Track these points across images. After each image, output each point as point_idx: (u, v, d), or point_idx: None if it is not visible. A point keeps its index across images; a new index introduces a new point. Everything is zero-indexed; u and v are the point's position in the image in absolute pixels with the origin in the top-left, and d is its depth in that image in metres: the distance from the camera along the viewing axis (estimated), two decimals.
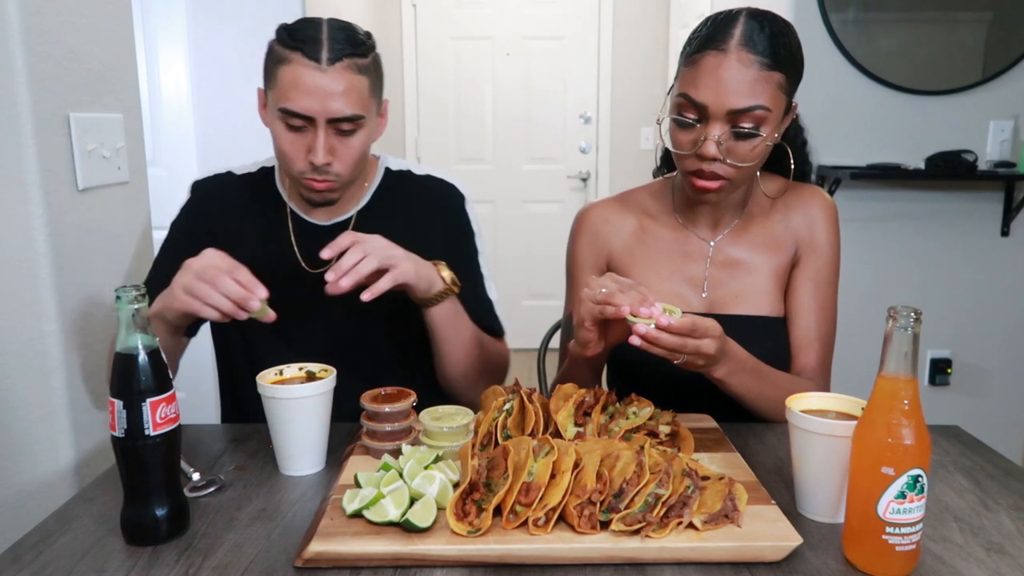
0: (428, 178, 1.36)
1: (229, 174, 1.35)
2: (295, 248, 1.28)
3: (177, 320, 1.09)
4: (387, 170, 1.35)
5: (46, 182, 1.14)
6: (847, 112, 2.55)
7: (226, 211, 1.31)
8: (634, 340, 0.97)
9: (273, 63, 1.17)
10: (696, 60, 1.10)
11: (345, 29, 1.17)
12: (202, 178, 1.35)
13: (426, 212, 1.33)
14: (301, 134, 1.16)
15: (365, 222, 1.30)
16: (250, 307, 1.02)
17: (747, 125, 1.09)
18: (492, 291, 1.36)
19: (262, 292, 1.03)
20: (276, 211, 1.31)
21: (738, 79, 1.07)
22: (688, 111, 1.12)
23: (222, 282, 1.01)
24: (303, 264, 1.28)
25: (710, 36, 1.10)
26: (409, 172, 1.36)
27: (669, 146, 1.17)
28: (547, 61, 4.28)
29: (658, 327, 0.96)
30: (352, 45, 1.15)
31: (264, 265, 1.20)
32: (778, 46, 1.09)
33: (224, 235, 1.24)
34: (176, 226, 1.32)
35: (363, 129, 1.19)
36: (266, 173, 1.34)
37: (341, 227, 1.29)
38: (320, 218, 1.30)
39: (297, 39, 1.14)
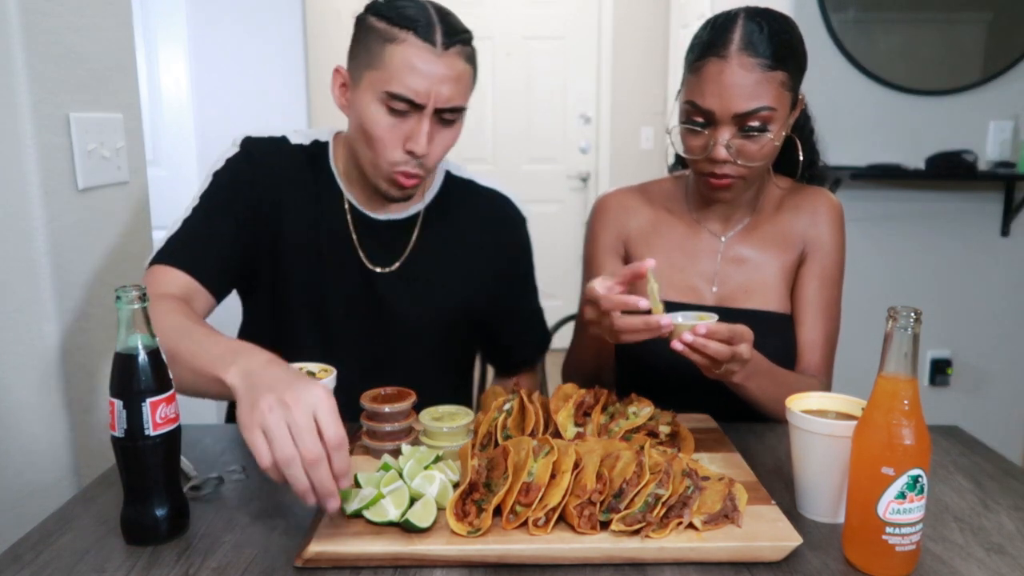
0: (492, 192, 1.33)
1: (284, 139, 1.24)
2: (355, 241, 1.22)
3: (221, 397, 0.90)
4: (448, 174, 1.31)
5: (46, 182, 1.14)
6: (847, 112, 2.55)
7: (278, 178, 1.20)
8: (676, 346, 0.97)
9: (377, 41, 1.08)
10: (699, 67, 1.12)
11: (449, 13, 1.12)
12: (255, 136, 1.23)
13: (487, 227, 1.30)
14: (401, 120, 1.09)
15: (426, 226, 1.26)
16: (328, 506, 0.78)
17: (754, 125, 1.11)
18: (540, 302, 1.42)
19: (346, 482, 0.79)
20: (331, 196, 1.23)
21: (741, 84, 1.09)
22: (696, 117, 1.14)
23: (316, 469, 0.76)
24: (365, 261, 1.23)
25: (711, 42, 1.11)
26: (473, 182, 1.32)
27: (681, 152, 1.19)
28: (547, 61, 4.28)
29: (696, 334, 0.96)
30: (461, 30, 1.10)
31: (322, 252, 1.19)
32: (778, 45, 1.10)
33: (274, 203, 1.19)
34: (221, 176, 1.19)
35: (460, 122, 1.14)
36: (320, 149, 1.25)
37: (399, 224, 1.24)
38: (377, 212, 1.24)
39: (406, 17, 1.07)
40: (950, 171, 2.51)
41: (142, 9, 2.57)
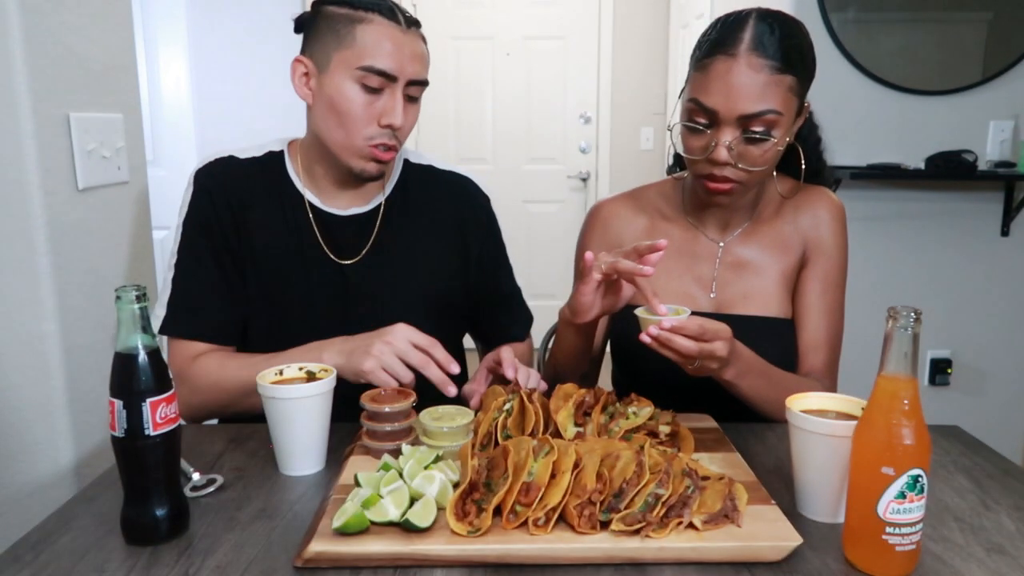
0: (452, 175, 1.36)
1: (231, 158, 1.27)
2: (320, 239, 1.25)
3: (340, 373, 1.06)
4: (407, 162, 1.34)
5: (46, 182, 1.15)
6: (847, 112, 2.55)
7: (237, 200, 1.24)
8: (643, 338, 0.97)
9: (345, 24, 1.14)
10: (706, 65, 1.09)
11: (399, 5, 1.20)
12: (203, 165, 1.26)
13: (452, 210, 1.33)
14: (375, 97, 1.15)
15: (389, 214, 1.28)
16: (448, 393, 1.06)
17: (758, 129, 1.08)
18: (516, 281, 1.43)
19: (454, 366, 1.07)
20: (291, 200, 1.26)
21: (748, 84, 1.07)
22: (699, 116, 1.11)
23: (427, 370, 1.06)
24: (332, 255, 1.25)
25: (720, 40, 1.09)
26: (432, 167, 1.35)
27: (680, 151, 1.17)
28: (547, 61, 4.28)
29: (663, 328, 0.96)
30: (415, 18, 1.19)
31: (291, 256, 1.22)
32: (789, 48, 1.08)
33: (240, 224, 1.23)
34: (189, 223, 1.24)
35: (420, 100, 1.22)
36: (274, 158, 1.28)
37: (363, 217, 1.27)
38: (340, 207, 1.26)
39: (368, 2, 1.15)
40: (950, 171, 2.50)
41: (142, 9, 2.57)
